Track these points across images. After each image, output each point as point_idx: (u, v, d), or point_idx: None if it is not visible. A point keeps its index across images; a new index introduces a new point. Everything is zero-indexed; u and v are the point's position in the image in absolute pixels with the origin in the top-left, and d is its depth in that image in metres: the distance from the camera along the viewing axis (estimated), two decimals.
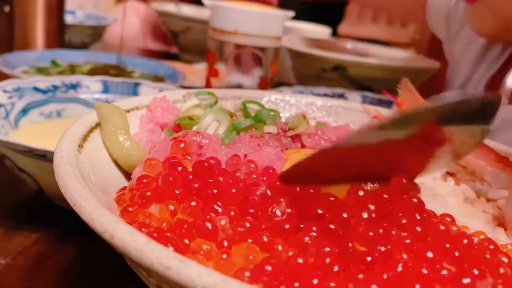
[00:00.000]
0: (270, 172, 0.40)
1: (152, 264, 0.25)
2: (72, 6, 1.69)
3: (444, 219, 0.37)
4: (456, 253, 0.33)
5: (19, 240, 0.55)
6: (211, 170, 0.39)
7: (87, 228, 0.30)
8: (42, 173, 0.56)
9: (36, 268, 0.51)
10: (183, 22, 1.63)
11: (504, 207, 0.46)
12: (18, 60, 0.98)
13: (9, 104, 0.67)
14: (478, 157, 0.50)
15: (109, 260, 0.54)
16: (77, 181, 0.32)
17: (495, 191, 0.47)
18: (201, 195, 0.37)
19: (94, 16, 1.70)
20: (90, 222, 0.29)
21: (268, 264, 0.29)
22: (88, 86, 0.78)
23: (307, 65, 1.27)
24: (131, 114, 0.49)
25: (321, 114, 0.63)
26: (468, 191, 0.48)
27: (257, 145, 0.45)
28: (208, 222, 0.33)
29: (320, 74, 1.24)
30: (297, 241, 0.33)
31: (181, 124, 0.49)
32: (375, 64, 1.23)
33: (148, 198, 0.36)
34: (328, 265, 0.30)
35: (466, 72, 1.01)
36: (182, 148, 0.42)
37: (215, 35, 0.86)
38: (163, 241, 0.31)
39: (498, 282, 0.32)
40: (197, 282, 0.24)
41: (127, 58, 1.13)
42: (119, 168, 0.45)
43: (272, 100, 0.63)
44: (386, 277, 0.29)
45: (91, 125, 0.44)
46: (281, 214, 0.34)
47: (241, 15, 0.82)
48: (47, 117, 0.74)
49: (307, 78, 1.30)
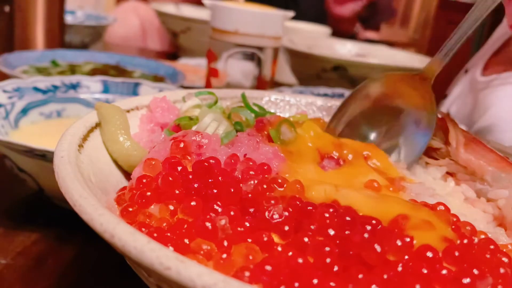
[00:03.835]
0: (265, 169, 0.40)
1: (152, 264, 0.25)
2: (72, 6, 1.69)
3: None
4: (456, 253, 0.32)
5: (19, 240, 0.55)
6: (210, 170, 0.39)
7: (87, 228, 0.30)
8: (42, 173, 0.56)
9: (36, 268, 0.51)
10: (183, 22, 1.63)
11: (504, 207, 0.46)
12: (18, 60, 0.98)
13: (9, 104, 0.67)
14: (478, 157, 0.50)
15: (109, 260, 0.54)
16: (77, 181, 0.32)
17: (495, 191, 0.47)
18: (201, 195, 0.37)
19: (94, 16, 1.70)
20: (90, 222, 0.29)
21: (268, 264, 0.29)
22: (88, 86, 0.78)
23: (307, 65, 1.27)
24: (131, 114, 0.49)
25: (321, 114, 0.63)
26: (468, 191, 0.48)
27: (255, 143, 0.45)
28: (208, 222, 0.33)
29: (320, 74, 1.24)
30: (297, 241, 0.33)
31: (180, 124, 0.49)
32: (375, 64, 1.23)
33: (148, 198, 0.36)
34: (328, 265, 0.30)
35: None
36: (182, 148, 0.42)
37: (215, 35, 0.86)
38: (163, 241, 0.31)
39: (498, 282, 0.32)
40: (197, 282, 0.24)
41: (127, 58, 1.13)
42: (119, 168, 0.45)
43: (272, 100, 0.63)
44: (386, 277, 0.29)
45: (91, 125, 0.44)
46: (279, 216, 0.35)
47: (241, 15, 0.82)
48: (47, 117, 0.74)
49: (307, 78, 1.30)
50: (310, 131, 0.50)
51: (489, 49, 1.05)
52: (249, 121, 0.52)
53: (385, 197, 0.40)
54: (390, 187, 0.44)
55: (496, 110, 0.91)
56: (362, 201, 0.38)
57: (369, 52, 1.52)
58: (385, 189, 0.44)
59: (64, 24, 1.25)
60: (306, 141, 0.50)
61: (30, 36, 1.17)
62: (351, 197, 0.39)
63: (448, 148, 0.52)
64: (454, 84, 1.12)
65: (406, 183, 0.45)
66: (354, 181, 0.45)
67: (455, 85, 1.10)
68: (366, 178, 0.45)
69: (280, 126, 0.49)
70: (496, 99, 0.92)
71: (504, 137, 0.88)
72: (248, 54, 0.86)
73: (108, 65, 1.09)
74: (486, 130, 0.92)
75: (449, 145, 0.52)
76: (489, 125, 0.91)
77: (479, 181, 0.49)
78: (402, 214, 0.35)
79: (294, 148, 0.48)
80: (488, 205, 0.46)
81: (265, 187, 0.38)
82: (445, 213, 0.39)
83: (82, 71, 1.02)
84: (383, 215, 0.36)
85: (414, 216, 0.35)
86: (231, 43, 0.84)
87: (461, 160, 0.51)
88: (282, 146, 0.47)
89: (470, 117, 0.98)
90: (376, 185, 0.43)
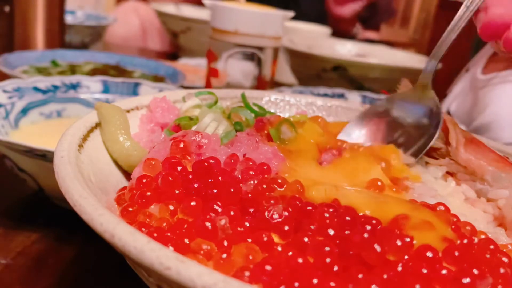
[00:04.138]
0: (264, 169, 0.40)
1: (152, 264, 0.25)
2: (72, 6, 1.69)
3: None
4: (456, 253, 0.32)
5: (19, 240, 0.55)
6: (210, 170, 0.39)
7: (87, 228, 0.30)
8: (42, 173, 0.56)
9: (36, 268, 0.51)
10: (183, 22, 1.63)
11: (504, 207, 0.46)
12: (18, 60, 0.98)
13: (9, 104, 0.67)
14: (478, 157, 0.50)
15: (109, 260, 0.54)
16: (77, 181, 0.32)
17: (495, 191, 0.47)
18: (201, 195, 0.37)
19: (94, 16, 1.70)
20: (90, 222, 0.29)
21: (268, 264, 0.29)
22: (88, 86, 0.78)
23: (307, 65, 1.27)
24: (131, 114, 0.49)
25: (321, 114, 0.63)
26: (468, 191, 0.48)
27: (255, 143, 0.45)
28: (208, 222, 0.33)
29: (320, 74, 1.24)
30: (297, 241, 0.33)
31: (180, 124, 0.49)
32: (375, 64, 1.23)
33: (148, 198, 0.36)
34: (328, 265, 0.30)
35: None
36: (182, 148, 0.42)
37: (215, 35, 0.86)
38: (163, 241, 0.31)
39: (498, 282, 0.32)
40: (197, 282, 0.24)
41: (127, 58, 1.13)
42: (119, 168, 0.45)
43: (272, 100, 0.63)
44: (386, 277, 0.29)
45: (91, 125, 0.44)
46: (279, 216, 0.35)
47: (241, 15, 0.82)
48: (47, 117, 0.74)
49: (307, 78, 1.30)
50: (311, 130, 0.51)
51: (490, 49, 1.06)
52: (249, 121, 0.52)
53: (385, 197, 0.40)
54: (394, 187, 0.44)
55: (494, 107, 0.93)
56: (362, 201, 0.38)
57: (369, 52, 1.52)
58: (388, 188, 0.44)
59: (64, 24, 1.25)
60: (306, 140, 0.50)
61: (30, 36, 1.17)
62: (351, 197, 0.39)
63: (448, 148, 0.52)
64: (455, 83, 1.13)
65: (409, 182, 0.45)
66: (356, 179, 0.44)
67: (456, 83, 1.11)
68: (368, 174, 0.44)
69: (280, 126, 0.49)
70: (495, 97, 0.94)
71: (502, 134, 0.89)
72: (248, 54, 0.86)
73: (108, 65, 1.09)
74: (485, 128, 0.93)
75: (449, 145, 0.52)
76: (487, 122, 0.93)
77: (479, 181, 0.49)
78: (402, 214, 0.35)
79: (293, 147, 0.48)
80: (489, 205, 0.46)
81: (265, 187, 0.38)
82: (445, 213, 0.39)
83: (82, 71, 1.02)
84: (383, 215, 0.36)
85: (414, 216, 0.35)
86: (231, 43, 0.84)
87: (461, 160, 0.51)
88: (281, 145, 0.47)
89: (470, 114, 1.00)
90: (380, 184, 0.43)
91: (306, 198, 0.38)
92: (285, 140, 0.49)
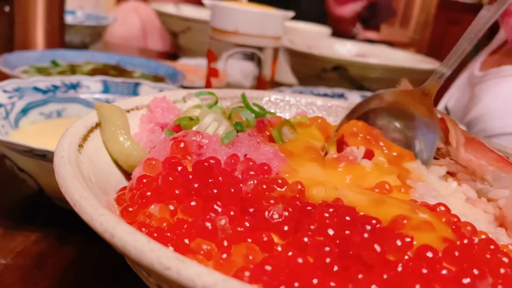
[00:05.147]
0: (265, 169, 0.40)
1: (152, 264, 0.25)
2: (72, 6, 1.69)
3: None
4: (456, 253, 0.32)
5: (19, 240, 0.55)
6: (211, 170, 0.39)
7: (87, 228, 0.30)
8: (42, 173, 0.56)
9: (36, 268, 0.51)
10: (183, 22, 1.63)
11: (505, 207, 0.46)
12: (18, 60, 0.98)
13: (9, 104, 0.67)
14: (478, 157, 0.50)
15: (109, 260, 0.54)
16: (77, 181, 0.32)
17: (495, 191, 0.47)
18: (201, 195, 0.37)
19: (94, 16, 1.70)
20: (90, 222, 0.29)
21: (268, 264, 0.29)
22: (88, 86, 0.78)
23: (307, 65, 1.27)
24: (131, 114, 0.49)
25: (321, 114, 0.63)
26: (469, 191, 0.48)
27: (255, 144, 0.45)
28: (208, 222, 0.33)
29: (320, 74, 1.24)
30: (297, 241, 0.33)
31: (181, 124, 0.49)
32: (375, 64, 1.23)
33: (148, 198, 0.36)
34: (328, 265, 0.30)
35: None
36: (182, 148, 0.42)
37: (215, 35, 0.86)
38: (163, 241, 0.31)
39: (498, 282, 0.32)
40: (197, 282, 0.24)
41: (127, 58, 1.13)
42: (119, 168, 0.45)
43: (272, 100, 0.63)
44: (386, 277, 0.29)
45: (91, 125, 0.44)
46: (279, 216, 0.35)
47: (241, 15, 0.82)
48: (47, 117, 0.74)
49: (307, 78, 1.30)
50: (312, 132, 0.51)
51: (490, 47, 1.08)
52: (250, 121, 0.52)
53: (385, 198, 0.40)
54: (402, 187, 0.44)
55: (486, 100, 0.96)
56: (362, 202, 0.38)
57: (369, 52, 1.52)
58: (396, 190, 0.43)
59: (64, 24, 1.25)
60: (307, 140, 0.50)
61: (30, 36, 1.17)
62: (351, 197, 0.39)
63: (448, 148, 0.52)
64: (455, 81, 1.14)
65: (411, 182, 0.45)
66: (363, 182, 0.44)
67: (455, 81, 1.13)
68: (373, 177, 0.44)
69: (282, 127, 0.49)
70: (487, 91, 0.97)
71: (493, 125, 0.92)
72: (248, 54, 0.86)
73: (108, 65, 1.09)
74: (477, 120, 0.96)
75: (449, 145, 0.52)
76: (480, 115, 0.96)
77: (479, 181, 0.49)
78: (402, 214, 0.35)
79: (295, 148, 0.48)
80: (489, 205, 0.46)
81: (265, 187, 0.38)
82: (445, 213, 0.39)
83: (82, 71, 1.02)
84: (382, 215, 0.36)
85: (414, 217, 0.35)
86: (231, 43, 0.84)
87: (462, 160, 0.51)
88: (283, 146, 0.47)
89: (465, 109, 1.03)
90: (388, 187, 0.43)
91: (307, 198, 0.38)
92: (286, 141, 0.49)
